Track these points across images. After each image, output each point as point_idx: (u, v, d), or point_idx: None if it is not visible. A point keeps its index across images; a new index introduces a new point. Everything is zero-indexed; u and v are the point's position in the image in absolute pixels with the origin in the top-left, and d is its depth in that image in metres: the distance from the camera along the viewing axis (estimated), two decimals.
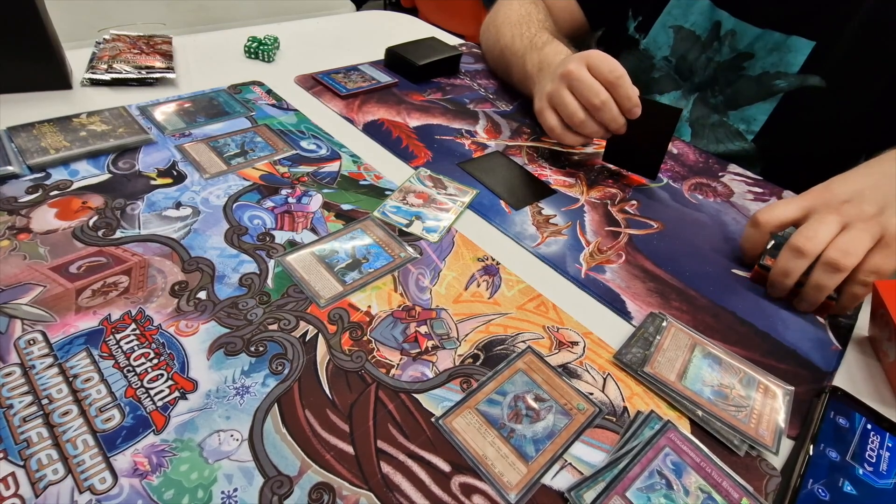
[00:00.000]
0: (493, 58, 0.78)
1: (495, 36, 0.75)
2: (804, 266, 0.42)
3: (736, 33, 0.65)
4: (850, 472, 0.32)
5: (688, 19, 0.70)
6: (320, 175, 0.52)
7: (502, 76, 0.77)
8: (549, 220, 0.51)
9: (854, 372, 0.40)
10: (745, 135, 0.68)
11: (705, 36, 0.68)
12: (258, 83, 0.66)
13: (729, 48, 0.66)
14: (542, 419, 0.33)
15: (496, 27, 0.76)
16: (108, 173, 0.48)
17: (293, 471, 0.29)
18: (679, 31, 0.71)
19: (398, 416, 0.32)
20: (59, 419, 0.29)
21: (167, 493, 0.27)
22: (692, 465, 0.31)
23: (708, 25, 0.68)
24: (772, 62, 0.64)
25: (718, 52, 0.68)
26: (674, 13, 0.71)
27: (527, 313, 0.40)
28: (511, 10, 0.76)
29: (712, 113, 0.70)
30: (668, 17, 0.72)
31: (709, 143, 0.70)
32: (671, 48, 0.72)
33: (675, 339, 0.39)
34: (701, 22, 0.69)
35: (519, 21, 0.73)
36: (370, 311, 0.39)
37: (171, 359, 0.33)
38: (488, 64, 0.81)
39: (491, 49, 0.78)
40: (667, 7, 0.72)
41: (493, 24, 0.78)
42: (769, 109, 0.65)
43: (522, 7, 0.76)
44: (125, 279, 0.38)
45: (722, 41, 0.66)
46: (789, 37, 0.62)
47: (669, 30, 0.72)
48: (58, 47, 0.56)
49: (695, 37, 0.69)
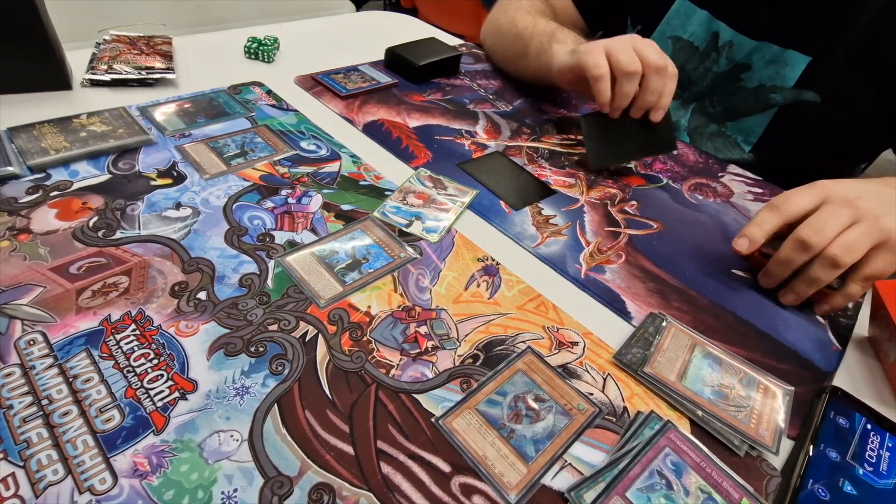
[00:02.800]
0: (505, 44, 0.76)
1: (510, 23, 0.75)
2: (806, 259, 0.42)
3: (734, 45, 0.66)
4: (850, 472, 0.32)
5: (686, 30, 0.70)
6: (320, 175, 0.52)
7: (510, 61, 0.76)
8: (549, 220, 0.51)
9: (854, 372, 0.40)
10: (742, 145, 0.68)
11: (703, 47, 0.69)
12: (258, 84, 0.66)
13: (726, 59, 0.67)
14: (542, 419, 0.33)
15: (510, 17, 0.75)
16: (108, 174, 0.48)
17: (293, 471, 0.29)
18: (677, 42, 0.71)
19: (398, 417, 0.32)
20: (59, 420, 0.29)
21: (167, 493, 0.27)
22: (692, 465, 0.31)
23: (706, 36, 0.68)
24: (768, 75, 0.64)
25: (716, 62, 0.68)
26: (672, 24, 0.71)
27: (527, 313, 0.40)
28: (523, 3, 0.76)
29: (710, 122, 0.70)
30: (666, 27, 0.72)
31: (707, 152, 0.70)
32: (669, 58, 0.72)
33: (675, 340, 0.39)
34: (699, 33, 0.69)
35: (541, 11, 0.74)
36: (370, 311, 0.39)
37: (171, 359, 0.33)
38: (494, 54, 0.80)
39: (503, 34, 0.76)
40: (665, 17, 0.72)
41: (504, 16, 0.77)
42: (765, 122, 0.66)
43: (535, 3, 0.76)
44: (125, 280, 0.38)
45: (720, 52, 0.67)
46: (786, 50, 0.62)
47: (668, 40, 0.72)
48: (58, 48, 0.56)
49: (693, 47, 0.70)
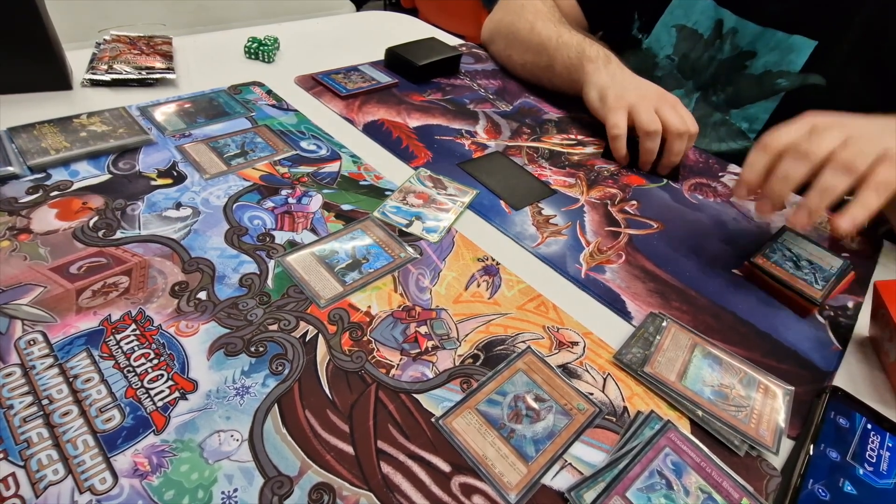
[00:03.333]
0: (524, 52, 0.75)
1: (529, 30, 0.73)
2: (806, 170, 0.41)
3: (738, 31, 0.65)
4: (850, 472, 0.32)
5: (690, 18, 0.70)
6: (320, 175, 0.52)
7: (530, 70, 0.75)
8: (549, 220, 0.51)
9: (854, 372, 0.40)
10: (747, 133, 0.68)
11: (708, 34, 0.68)
12: (258, 84, 0.66)
13: (731, 46, 0.66)
14: (542, 419, 0.33)
15: (528, 23, 0.74)
16: (108, 174, 0.48)
17: (293, 471, 0.29)
18: (682, 30, 0.71)
19: (398, 417, 0.32)
20: (59, 419, 0.29)
21: (167, 493, 0.27)
22: (692, 465, 0.31)
23: (710, 24, 0.68)
24: (774, 61, 0.64)
25: (721, 50, 0.68)
26: (676, 13, 0.71)
27: (527, 313, 0.40)
28: (538, 7, 0.75)
29: (714, 111, 0.70)
30: (670, 16, 0.72)
31: (711, 141, 0.69)
32: (674, 47, 0.72)
33: (675, 340, 0.39)
34: (703, 21, 0.69)
35: (559, 19, 0.74)
36: (370, 311, 0.39)
37: (172, 359, 0.33)
38: (507, 59, 0.79)
39: (522, 41, 0.75)
40: (669, 7, 0.72)
41: (520, 20, 0.75)
42: (771, 108, 0.65)
43: (551, 6, 0.75)
44: (125, 280, 0.38)
45: (724, 39, 0.67)
46: (791, 36, 0.62)
47: (672, 29, 0.72)
48: (58, 48, 0.56)
49: (697, 35, 0.69)
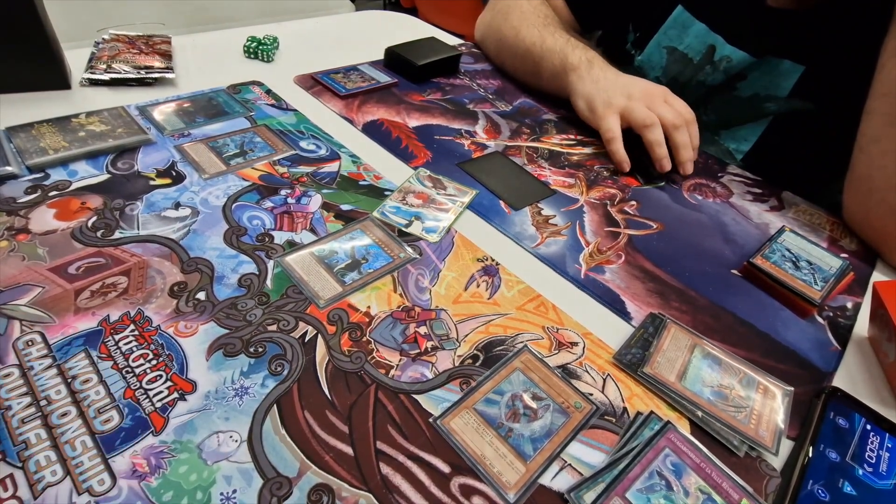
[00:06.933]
0: (512, 58, 0.76)
1: (515, 36, 0.74)
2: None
3: (732, 59, 0.65)
4: (849, 472, 0.32)
5: (682, 41, 0.70)
6: (320, 175, 0.52)
7: (521, 76, 0.76)
8: (549, 220, 0.51)
9: (854, 372, 0.40)
10: (734, 154, 0.68)
11: (698, 59, 0.68)
12: (257, 83, 0.66)
13: (723, 73, 0.67)
14: (539, 418, 0.33)
15: (513, 28, 0.74)
16: (107, 174, 0.48)
17: (292, 472, 0.29)
18: (672, 53, 0.71)
19: (398, 417, 0.32)
20: (57, 420, 0.29)
21: (166, 494, 0.27)
22: (692, 465, 0.31)
23: (702, 49, 0.68)
24: (763, 85, 0.64)
25: (711, 75, 0.68)
26: (669, 34, 0.71)
27: (526, 314, 0.40)
28: (524, 8, 0.75)
29: (704, 131, 0.70)
30: (663, 36, 0.72)
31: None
32: (663, 69, 0.72)
33: (675, 340, 0.39)
34: (695, 45, 0.68)
35: (545, 16, 0.74)
36: (369, 311, 0.39)
37: (170, 360, 0.33)
38: (502, 64, 0.79)
39: (508, 47, 0.75)
40: (662, 27, 0.71)
41: (505, 23, 0.76)
42: (759, 131, 0.66)
43: (537, 6, 0.75)
44: (124, 280, 0.38)
45: (716, 66, 0.67)
46: (781, 61, 0.62)
47: (663, 50, 0.72)
48: (57, 47, 0.56)
49: (687, 59, 0.69)
